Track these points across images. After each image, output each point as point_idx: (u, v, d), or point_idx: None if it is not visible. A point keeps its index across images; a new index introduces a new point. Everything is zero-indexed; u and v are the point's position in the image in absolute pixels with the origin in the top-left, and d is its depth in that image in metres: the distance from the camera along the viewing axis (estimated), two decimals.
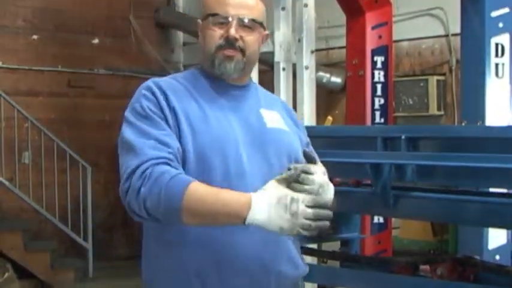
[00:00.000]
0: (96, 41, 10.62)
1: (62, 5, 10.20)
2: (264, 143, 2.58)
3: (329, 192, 2.35)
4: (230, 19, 2.58)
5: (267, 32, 2.71)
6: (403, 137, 4.20)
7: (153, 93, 2.54)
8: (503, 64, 5.81)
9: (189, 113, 2.52)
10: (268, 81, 6.30)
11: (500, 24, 5.80)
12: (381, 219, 6.69)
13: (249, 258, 2.48)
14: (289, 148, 2.64)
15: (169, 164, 2.39)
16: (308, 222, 2.23)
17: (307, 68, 6.74)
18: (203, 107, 2.56)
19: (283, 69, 6.87)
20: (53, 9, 10.13)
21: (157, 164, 2.38)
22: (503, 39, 5.82)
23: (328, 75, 9.17)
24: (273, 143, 2.60)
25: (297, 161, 2.56)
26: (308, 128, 2.89)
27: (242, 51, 2.59)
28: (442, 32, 8.43)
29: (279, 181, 2.29)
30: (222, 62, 2.59)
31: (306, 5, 6.70)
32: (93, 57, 10.55)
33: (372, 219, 6.57)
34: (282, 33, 6.73)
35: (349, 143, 4.63)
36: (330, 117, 7.66)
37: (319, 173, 2.34)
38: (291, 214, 2.23)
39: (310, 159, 2.39)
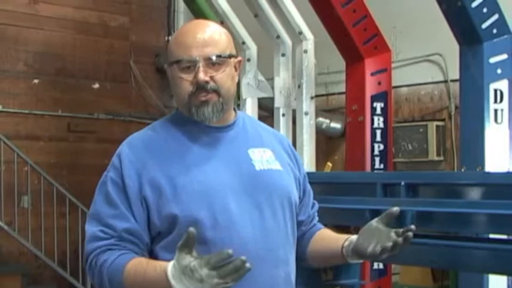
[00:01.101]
0: (96, 85, 10.63)
1: (63, 49, 10.23)
2: (253, 188, 2.49)
3: None
4: (197, 59, 2.47)
5: (239, 58, 2.59)
6: (402, 183, 4.19)
7: (120, 161, 2.50)
8: (502, 110, 5.82)
9: (170, 169, 2.46)
10: None
11: (499, 71, 5.82)
12: (381, 265, 6.66)
13: None
14: (281, 192, 2.56)
15: (112, 249, 2.43)
16: (221, 280, 2.13)
17: (306, 113, 6.77)
18: (185, 158, 2.49)
19: (283, 115, 6.88)
20: (54, 54, 10.15)
21: (100, 252, 2.43)
22: (501, 85, 5.83)
23: (327, 121, 9.18)
24: (263, 188, 2.51)
25: (289, 203, 2.55)
26: (308, 174, 2.86)
27: (216, 91, 2.47)
28: (441, 78, 8.45)
29: (180, 249, 2.20)
30: (199, 108, 2.48)
31: (305, 51, 6.74)
32: (94, 101, 10.54)
33: (372, 265, 6.54)
34: (282, 79, 6.74)
35: (349, 189, 4.62)
36: (329, 163, 7.66)
37: None
38: (200, 282, 2.15)
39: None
